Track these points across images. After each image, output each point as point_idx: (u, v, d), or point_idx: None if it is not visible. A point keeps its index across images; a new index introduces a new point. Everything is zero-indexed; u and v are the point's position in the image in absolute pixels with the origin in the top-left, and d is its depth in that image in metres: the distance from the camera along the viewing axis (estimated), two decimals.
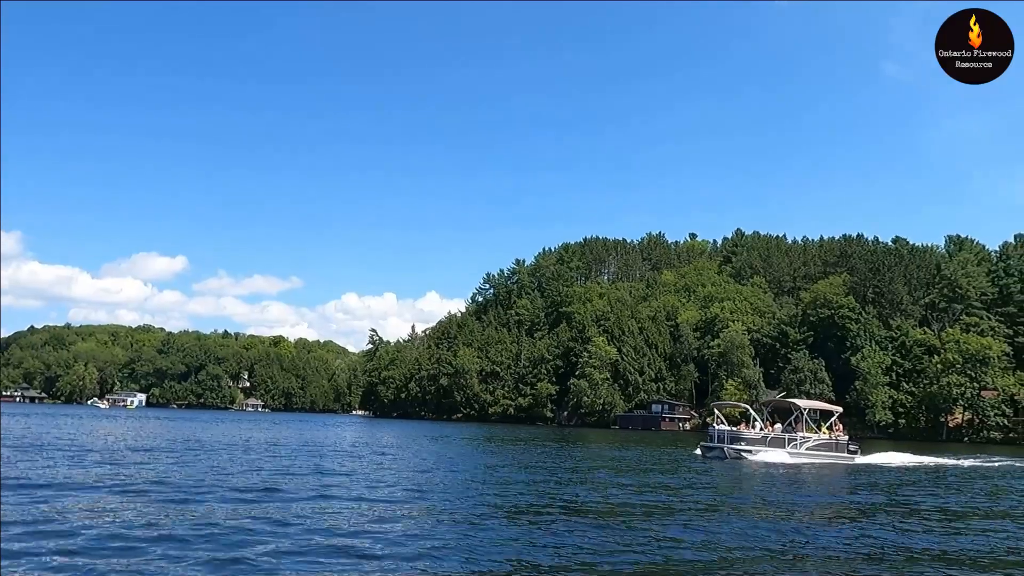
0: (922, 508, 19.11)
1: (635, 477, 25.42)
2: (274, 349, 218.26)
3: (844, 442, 38.24)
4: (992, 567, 11.44)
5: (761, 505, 19.14)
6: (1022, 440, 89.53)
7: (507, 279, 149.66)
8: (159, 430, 52.43)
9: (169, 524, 12.49)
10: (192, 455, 28.42)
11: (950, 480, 29.45)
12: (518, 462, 31.17)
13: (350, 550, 11.06)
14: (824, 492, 23.81)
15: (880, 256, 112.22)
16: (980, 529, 15.72)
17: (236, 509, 14.46)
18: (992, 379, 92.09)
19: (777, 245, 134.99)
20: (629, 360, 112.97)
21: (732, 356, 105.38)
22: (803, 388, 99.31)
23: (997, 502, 21.97)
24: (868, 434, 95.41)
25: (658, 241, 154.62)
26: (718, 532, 13.87)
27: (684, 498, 19.43)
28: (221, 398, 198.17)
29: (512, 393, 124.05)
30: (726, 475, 28.23)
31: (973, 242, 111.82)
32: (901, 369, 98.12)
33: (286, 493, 17.34)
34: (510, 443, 48.63)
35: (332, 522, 13.40)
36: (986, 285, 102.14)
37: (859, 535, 14.10)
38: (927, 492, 23.96)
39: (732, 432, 37.17)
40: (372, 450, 35.72)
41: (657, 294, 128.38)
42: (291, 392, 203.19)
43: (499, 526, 13.77)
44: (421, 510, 15.50)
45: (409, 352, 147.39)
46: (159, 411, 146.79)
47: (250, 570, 9.64)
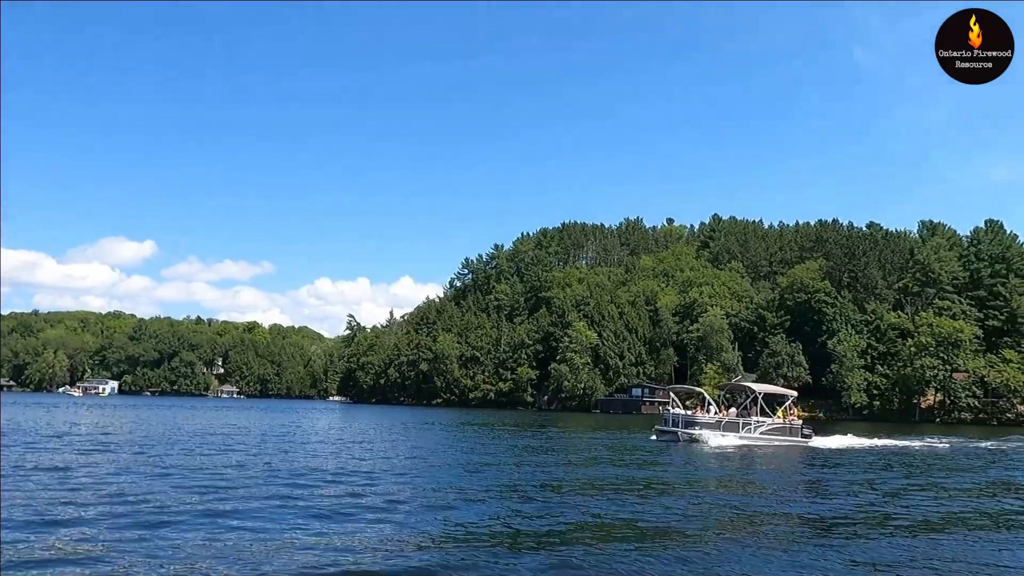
0: (857, 485, 19.94)
1: (579, 457, 26.13)
2: (248, 335, 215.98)
3: (798, 426, 38.47)
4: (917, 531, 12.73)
5: (691, 481, 20.23)
6: (991, 420, 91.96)
7: (486, 264, 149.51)
8: (153, 419, 51.78)
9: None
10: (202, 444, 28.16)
11: (894, 460, 30.06)
12: (467, 447, 31.48)
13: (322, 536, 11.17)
14: (761, 472, 24.60)
15: (855, 241, 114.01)
16: (908, 503, 16.83)
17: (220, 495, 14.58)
18: (963, 361, 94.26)
19: (754, 230, 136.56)
20: (609, 345, 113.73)
21: (711, 340, 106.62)
22: (781, 371, 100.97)
23: (936, 478, 22.88)
24: (844, 416, 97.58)
25: (636, 226, 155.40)
26: (640, 509, 14.86)
27: (608, 475, 20.81)
28: (195, 385, 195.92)
29: (492, 378, 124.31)
30: (672, 457, 28.78)
31: (945, 227, 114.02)
32: (876, 352, 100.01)
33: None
34: (474, 428, 48.65)
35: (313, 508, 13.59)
36: (957, 269, 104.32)
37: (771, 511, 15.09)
38: (872, 472, 24.69)
39: (686, 416, 37.37)
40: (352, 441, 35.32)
41: (636, 279, 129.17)
42: (267, 378, 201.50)
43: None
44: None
45: (388, 338, 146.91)
46: (132, 398, 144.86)
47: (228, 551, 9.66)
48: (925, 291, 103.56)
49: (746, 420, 37.12)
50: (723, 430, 35.88)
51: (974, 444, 42.96)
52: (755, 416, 37.79)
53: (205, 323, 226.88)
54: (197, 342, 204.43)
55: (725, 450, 32.63)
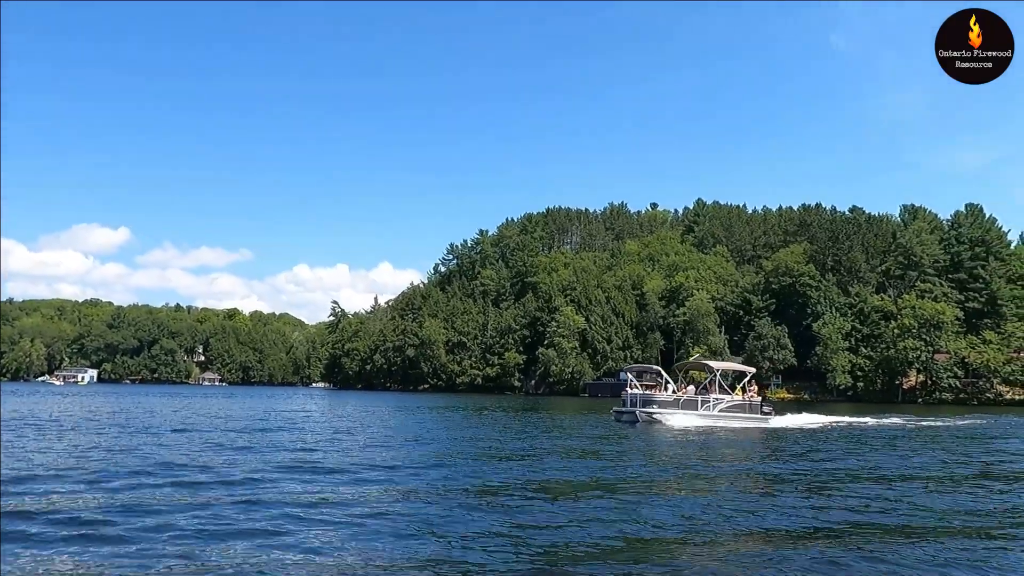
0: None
1: (528, 440, 25.96)
2: (229, 322, 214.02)
3: (757, 403, 37.79)
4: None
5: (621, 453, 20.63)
6: (972, 400, 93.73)
7: (470, 249, 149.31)
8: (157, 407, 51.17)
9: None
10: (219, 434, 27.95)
11: (846, 437, 30.33)
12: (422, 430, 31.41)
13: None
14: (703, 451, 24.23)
15: (839, 225, 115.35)
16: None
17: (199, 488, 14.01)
18: (945, 343, 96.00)
19: (738, 215, 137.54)
20: (597, 329, 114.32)
21: (698, 324, 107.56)
22: (767, 354, 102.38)
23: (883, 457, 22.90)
24: (828, 397, 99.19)
25: (620, 211, 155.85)
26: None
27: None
28: (176, 373, 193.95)
29: (480, 363, 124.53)
30: (625, 436, 28.36)
31: (926, 211, 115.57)
32: (860, 334, 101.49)
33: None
34: (441, 411, 48.42)
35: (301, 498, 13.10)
36: (939, 253, 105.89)
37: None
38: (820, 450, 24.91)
39: (644, 395, 36.43)
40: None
41: (622, 263, 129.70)
42: (249, 365, 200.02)
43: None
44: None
45: (373, 324, 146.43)
46: (113, 387, 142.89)
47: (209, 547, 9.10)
48: (907, 274, 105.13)
49: (704, 398, 36.45)
50: (682, 408, 35.44)
51: (926, 422, 43.33)
52: (714, 394, 37.14)
53: (184, 310, 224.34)
54: (177, 329, 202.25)
55: (683, 429, 32.15)
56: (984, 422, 46.06)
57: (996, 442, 30.03)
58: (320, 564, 8.25)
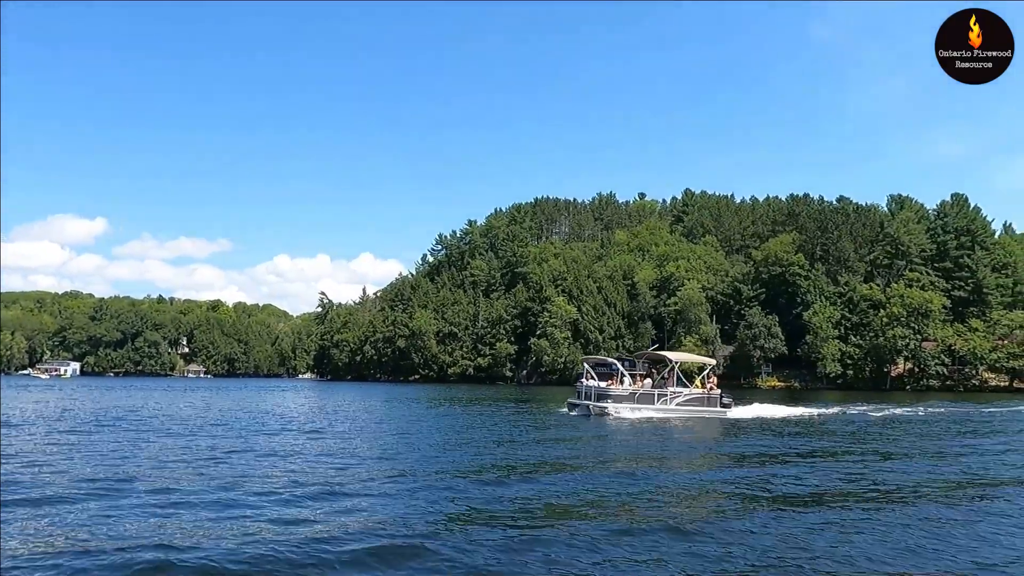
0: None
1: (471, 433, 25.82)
2: (213, 314, 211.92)
3: (716, 396, 36.41)
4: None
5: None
6: (958, 387, 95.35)
7: (459, 240, 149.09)
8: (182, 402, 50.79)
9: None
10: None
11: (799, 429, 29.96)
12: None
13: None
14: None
15: (827, 215, 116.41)
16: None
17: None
18: (933, 331, 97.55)
19: (726, 205, 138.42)
20: (589, 319, 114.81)
21: (689, 313, 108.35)
22: (758, 343, 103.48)
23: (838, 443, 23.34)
24: (819, 385, 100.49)
25: (609, 201, 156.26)
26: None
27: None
28: (161, 365, 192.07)
29: (471, 354, 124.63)
30: (573, 431, 27.57)
31: (913, 201, 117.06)
32: (849, 323, 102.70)
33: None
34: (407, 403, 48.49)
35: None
36: (925, 242, 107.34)
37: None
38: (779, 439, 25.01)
39: (599, 388, 35.14)
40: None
41: (612, 254, 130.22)
42: (234, 357, 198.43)
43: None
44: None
45: (362, 315, 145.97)
46: (97, 380, 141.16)
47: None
48: (895, 263, 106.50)
49: (662, 391, 35.35)
50: (638, 402, 34.33)
51: (891, 410, 42.87)
52: (672, 386, 36.15)
53: (167, 302, 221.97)
54: (160, 321, 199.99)
55: (638, 423, 31.06)
56: (942, 410, 44.48)
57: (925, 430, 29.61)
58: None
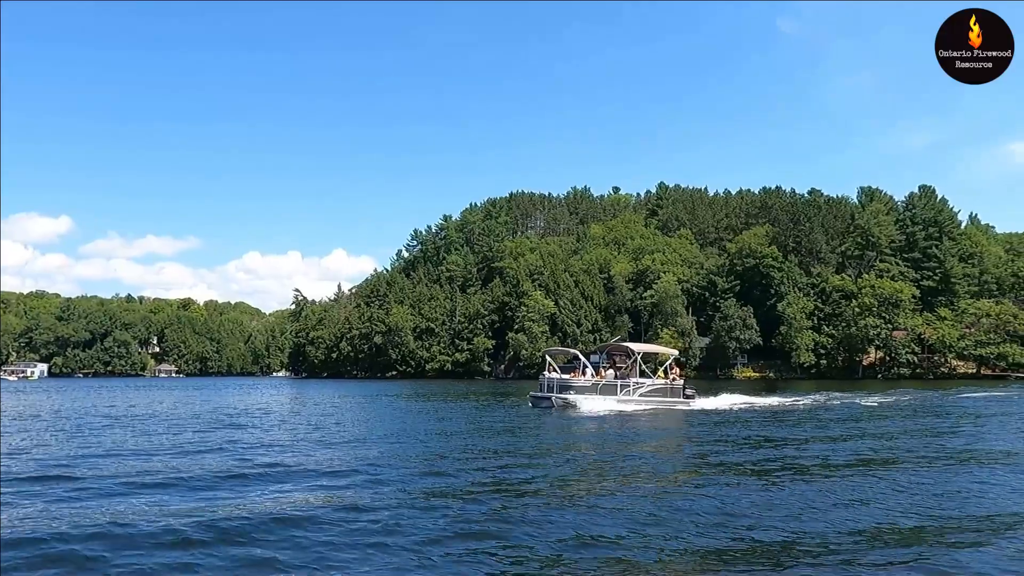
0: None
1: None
2: (184, 313, 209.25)
3: (680, 386, 36.02)
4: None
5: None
6: (928, 375, 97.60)
7: (435, 235, 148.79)
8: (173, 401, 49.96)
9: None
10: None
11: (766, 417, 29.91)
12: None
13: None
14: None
15: (799, 208, 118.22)
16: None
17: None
18: (903, 320, 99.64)
19: (700, 198, 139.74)
20: (567, 313, 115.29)
21: (666, 306, 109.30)
22: (733, 335, 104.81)
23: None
24: (793, 375, 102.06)
25: (584, 195, 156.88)
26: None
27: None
28: (131, 365, 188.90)
29: (449, 349, 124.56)
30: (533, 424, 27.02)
31: (882, 193, 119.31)
32: (822, 313, 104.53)
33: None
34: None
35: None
36: (895, 233, 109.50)
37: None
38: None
39: (560, 380, 34.53)
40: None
41: (587, 247, 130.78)
42: (206, 356, 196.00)
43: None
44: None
45: (337, 311, 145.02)
46: (66, 381, 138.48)
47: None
48: (866, 254, 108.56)
49: (624, 382, 34.69)
50: (600, 393, 33.77)
51: (859, 398, 42.78)
52: (634, 378, 35.41)
53: (136, 301, 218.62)
54: (130, 321, 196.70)
55: (600, 414, 30.60)
56: (893, 399, 43.36)
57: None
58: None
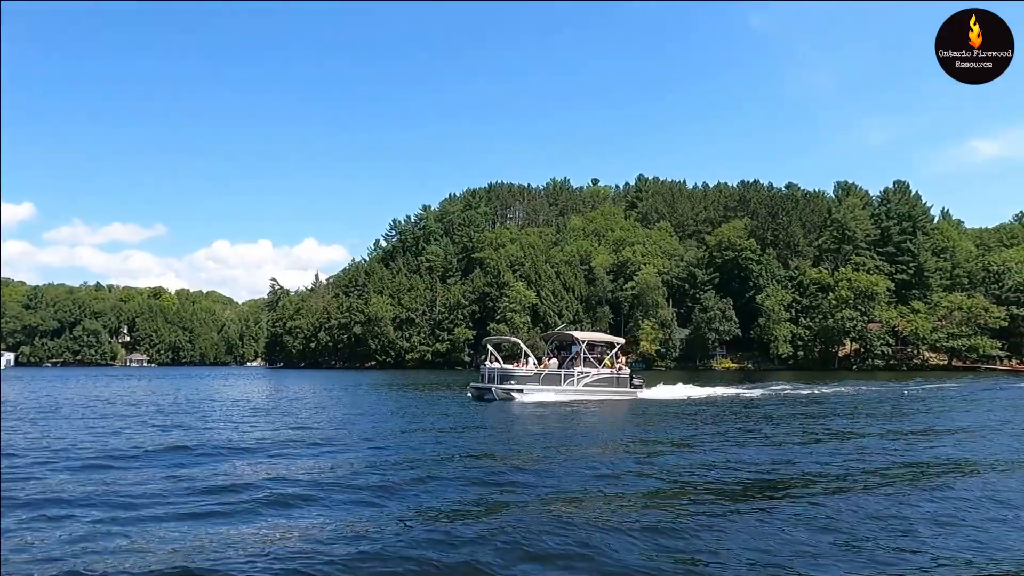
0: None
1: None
2: (156, 301, 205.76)
3: (626, 376, 34.98)
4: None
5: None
6: (901, 366, 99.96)
7: (414, 225, 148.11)
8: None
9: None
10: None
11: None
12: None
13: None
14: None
15: (777, 201, 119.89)
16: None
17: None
18: (878, 313, 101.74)
19: (679, 191, 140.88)
20: (548, 304, 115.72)
21: (646, 297, 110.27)
22: (713, 326, 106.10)
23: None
24: (771, 366, 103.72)
25: (563, 187, 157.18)
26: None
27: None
28: (101, 354, 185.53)
29: (429, 339, 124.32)
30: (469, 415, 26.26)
31: (858, 187, 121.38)
32: (799, 306, 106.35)
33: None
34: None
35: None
36: (870, 227, 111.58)
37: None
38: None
39: (502, 370, 33.48)
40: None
41: (567, 239, 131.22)
42: (179, 346, 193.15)
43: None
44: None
45: (315, 301, 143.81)
46: (35, 371, 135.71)
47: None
48: (842, 248, 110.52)
49: (568, 372, 33.74)
50: (542, 384, 32.88)
51: (812, 389, 42.63)
52: (579, 367, 34.29)
53: (106, 289, 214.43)
54: (100, 309, 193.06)
55: (543, 404, 29.93)
56: (845, 390, 43.10)
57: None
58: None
